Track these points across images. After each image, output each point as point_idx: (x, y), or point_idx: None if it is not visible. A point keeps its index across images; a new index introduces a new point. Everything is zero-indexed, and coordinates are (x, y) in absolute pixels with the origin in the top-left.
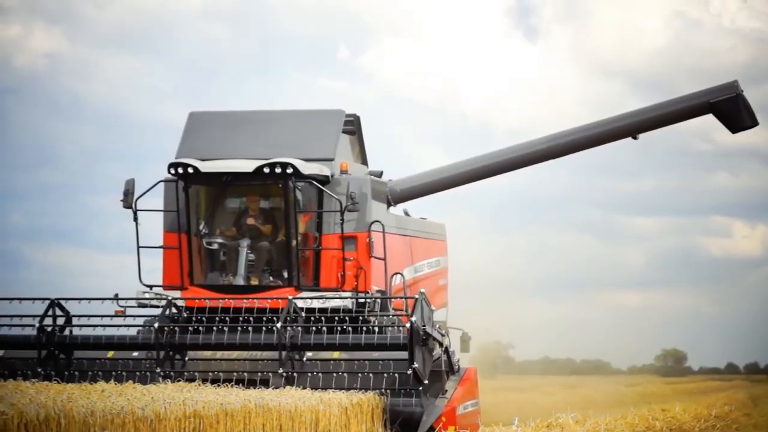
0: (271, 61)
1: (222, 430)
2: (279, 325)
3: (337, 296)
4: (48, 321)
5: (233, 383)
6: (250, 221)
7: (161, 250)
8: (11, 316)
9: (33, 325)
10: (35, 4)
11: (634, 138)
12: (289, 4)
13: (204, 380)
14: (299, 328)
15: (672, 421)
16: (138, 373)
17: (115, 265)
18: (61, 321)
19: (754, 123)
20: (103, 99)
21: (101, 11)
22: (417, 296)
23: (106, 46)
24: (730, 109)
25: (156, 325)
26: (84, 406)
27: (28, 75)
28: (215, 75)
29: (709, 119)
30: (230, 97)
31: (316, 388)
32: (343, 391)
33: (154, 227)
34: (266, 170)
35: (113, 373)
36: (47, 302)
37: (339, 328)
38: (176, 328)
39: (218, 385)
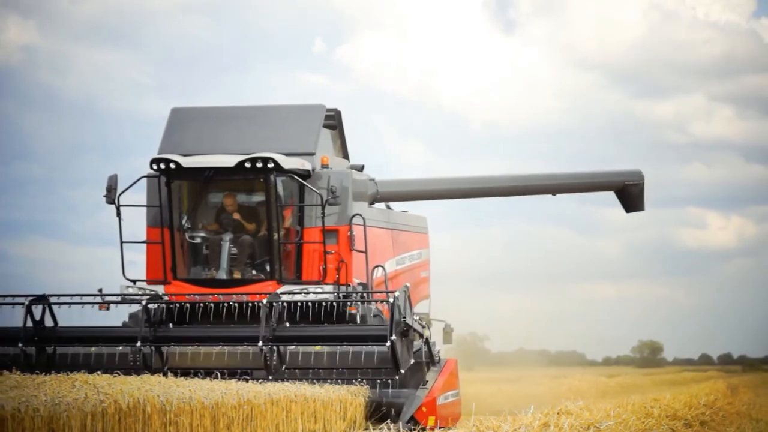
0: (248, 55)
1: (269, 416)
2: (260, 343)
3: (319, 289)
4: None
5: (216, 376)
6: (236, 216)
7: (144, 244)
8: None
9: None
10: None
11: (553, 195)
12: None
13: (187, 373)
14: (279, 321)
15: (667, 409)
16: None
17: (91, 258)
18: (45, 317)
19: (642, 208)
20: (78, 92)
21: (76, 4)
22: (392, 297)
23: (81, 40)
24: (634, 192)
25: (139, 319)
26: (160, 395)
27: (2, 68)
28: (192, 68)
29: (689, 115)
30: (207, 90)
31: (299, 380)
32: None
33: (136, 222)
34: (247, 165)
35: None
36: (30, 299)
37: (321, 321)
38: (159, 322)
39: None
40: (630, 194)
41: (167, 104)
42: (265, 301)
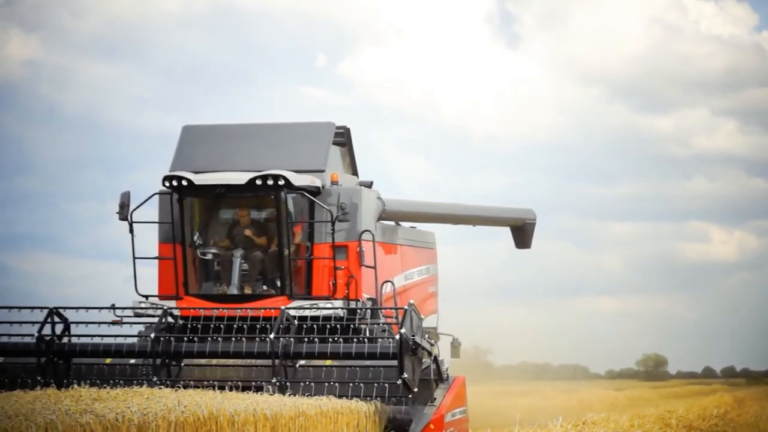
0: (249, 69)
1: (319, 427)
2: (272, 335)
3: (329, 304)
4: (46, 329)
5: (227, 390)
6: (247, 232)
7: (156, 260)
8: (11, 323)
9: (32, 334)
10: (11, 12)
11: (474, 225)
12: (267, 11)
13: (199, 387)
14: (291, 338)
15: (683, 420)
16: (136, 380)
17: (91, 272)
18: (58, 329)
19: (530, 246)
20: (79, 106)
21: (78, 19)
22: (406, 307)
23: (83, 54)
24: (528, 230)
25: (152, 334)
26: (229, 407)
27: (4, 83)
28: (193, 83)
29: (691, 128)
30: (209, 104)
31: (309, 396)
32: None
33: (148, 238)
34: (258, 182)
35: (111, 380)
36: (45, 310)
37: (331, 338)
38: (172, 337)
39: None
40: (525, 232)
41: (168, 119)
42: (283, 307)
